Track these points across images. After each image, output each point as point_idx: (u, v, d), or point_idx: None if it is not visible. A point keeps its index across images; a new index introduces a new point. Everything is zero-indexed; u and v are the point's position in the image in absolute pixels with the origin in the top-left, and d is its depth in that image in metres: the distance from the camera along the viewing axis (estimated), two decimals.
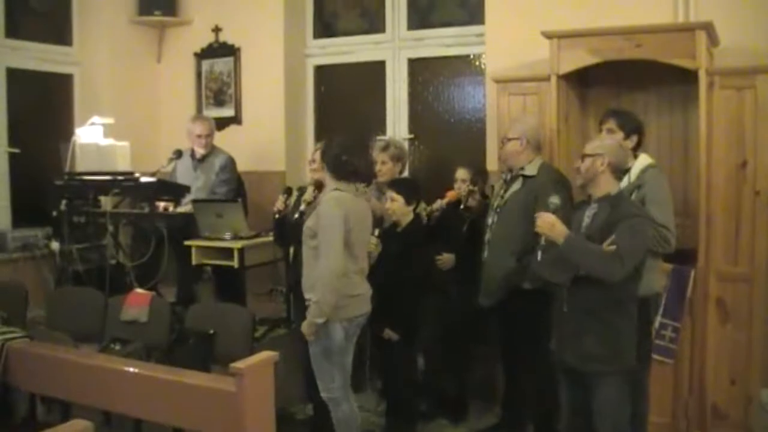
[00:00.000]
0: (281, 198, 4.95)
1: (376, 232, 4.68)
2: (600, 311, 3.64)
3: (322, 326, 4.07)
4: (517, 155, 4.61)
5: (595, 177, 3.74)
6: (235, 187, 6.07)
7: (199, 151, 6.03)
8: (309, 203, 4.61)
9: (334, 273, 3.98)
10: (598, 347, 3.65)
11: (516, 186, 4.59)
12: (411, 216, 4.77)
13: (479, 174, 5.19)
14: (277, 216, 4.89)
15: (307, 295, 4.18)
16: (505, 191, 4.64)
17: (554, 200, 3.86)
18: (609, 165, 3.73)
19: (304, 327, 4.12)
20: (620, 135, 4.28)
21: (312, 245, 4.12)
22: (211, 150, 6.07)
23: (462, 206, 5.01)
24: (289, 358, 4.59)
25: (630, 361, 3.73)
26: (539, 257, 3.75)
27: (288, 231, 4.80)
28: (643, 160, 4.28)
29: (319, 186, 4.51)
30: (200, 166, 6.02)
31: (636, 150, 4.32)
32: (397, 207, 4.72)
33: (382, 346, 4.81)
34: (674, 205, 4.82)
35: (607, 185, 3.74)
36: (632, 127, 4.34)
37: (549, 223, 3.67)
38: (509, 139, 4.63)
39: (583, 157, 3.77)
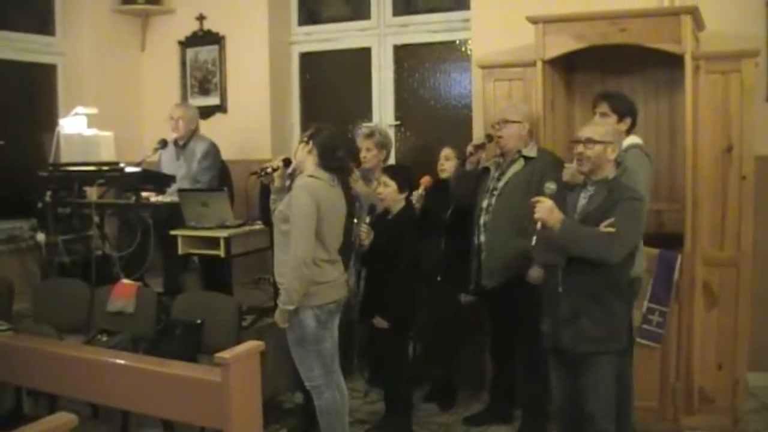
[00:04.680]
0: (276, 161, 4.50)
1: (367, 219, 4.68)
2: (597, 293, 3.65)
3: (294, 314, 4.06)
4: (519, 138, 4.61)
5: (603, 164, 3.74)
6: (218, 174, 6.02)
7: (173, 135, 5.99)
8: (279, 188, 4.46)
9: (302, 261, 3.95)
10: (594, 328, 3.65)
11: (517, 167, 4.59)
12: (402, 203, 4.75)
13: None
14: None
15: (279, 280, 4.18)
16: (502, 174, 4.63)
17: (551, 186, 3.84)
18: (614, 152, 3.74)
19: (276, 315, 4.13)
20: (614, 118, 4.27)
21: (283, 229, 4.10)
22: (193, 137, 6.03)
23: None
24: (277, 347, 4.59)
25: (622, 343, 3.76)
26: (534, 242, 3.74)
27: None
28: (629, 140, 4.25)
29: (287, 162, 4.39)
30: (183, 154, 5.98)
31: (629, 132, 4.30)
32: (388, 192, 4.70)
33: (373, 334, 4.81)
34: (660, 190, 4.86)
35: (609, 170, 3.75)
36: (625, 110, 4.32)
37: (548, 209, 3.66)
38: (511, 122, 4.61)
39: (587, 142, 3.74)
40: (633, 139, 4.28)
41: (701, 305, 4.65)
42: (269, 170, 4.38)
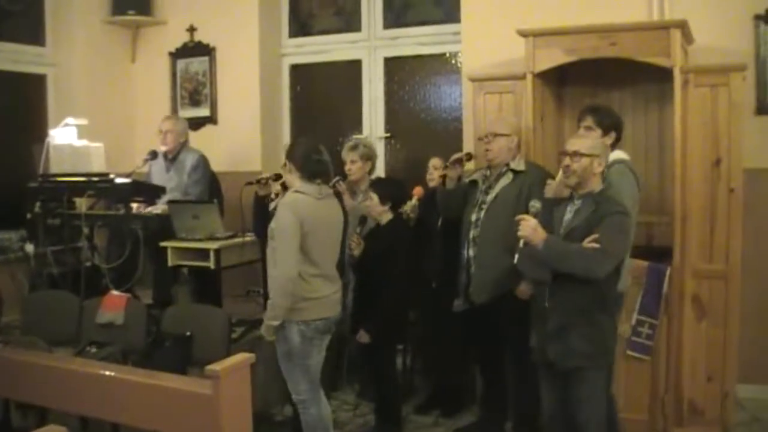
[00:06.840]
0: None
1: (358, 230, 4.69)
2: (584, 308, 3.65)
3: (280, 329, 4.07)
4: (508, 152, 4.60)
5: (591, 177, 3.75)
6: (208, 186, 6.01)
7: (161, 148, 5.98)
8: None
9: (286, 277, 3.98)
10: (583, 344, 3.65)
11: (505, 181, 4.57)
12: (389, 215, 4.77)
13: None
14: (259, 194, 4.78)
15: (270, 294, 4.20)
16: (489, 187, 4.63)
17: (536, 204, 3.84)
18: (600, 165, 3.75)
19: (263, 329, 4.14)
20: (598, 132, 4.25)
21: (272, 246, 4.12)
22: (183, 149, 6.01)
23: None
24: (268, 360, 4.57)
25: (612, 358, 3.77)
26: (516, 259, 3.75)
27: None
28: (614, 155, 4.22)
29: (285, 186, 4.43)
30: (173, 166, 5.97)
31: (614, 146, 4.30)
32: (371, 205, 4.74)
33: (364, 346, 4.81)
34: (649, 203, 4.87)
35: (596, 184, 3.76)
36: (610, 124, 4.30)
37: (532, 227, 3.66)
38: (500, 135, 4.60)
39: (575, 155, 3.74)
40: (618, 155, 4.26)
41: (690, 318, 4.67)
42: (272, 196, 4.43)
